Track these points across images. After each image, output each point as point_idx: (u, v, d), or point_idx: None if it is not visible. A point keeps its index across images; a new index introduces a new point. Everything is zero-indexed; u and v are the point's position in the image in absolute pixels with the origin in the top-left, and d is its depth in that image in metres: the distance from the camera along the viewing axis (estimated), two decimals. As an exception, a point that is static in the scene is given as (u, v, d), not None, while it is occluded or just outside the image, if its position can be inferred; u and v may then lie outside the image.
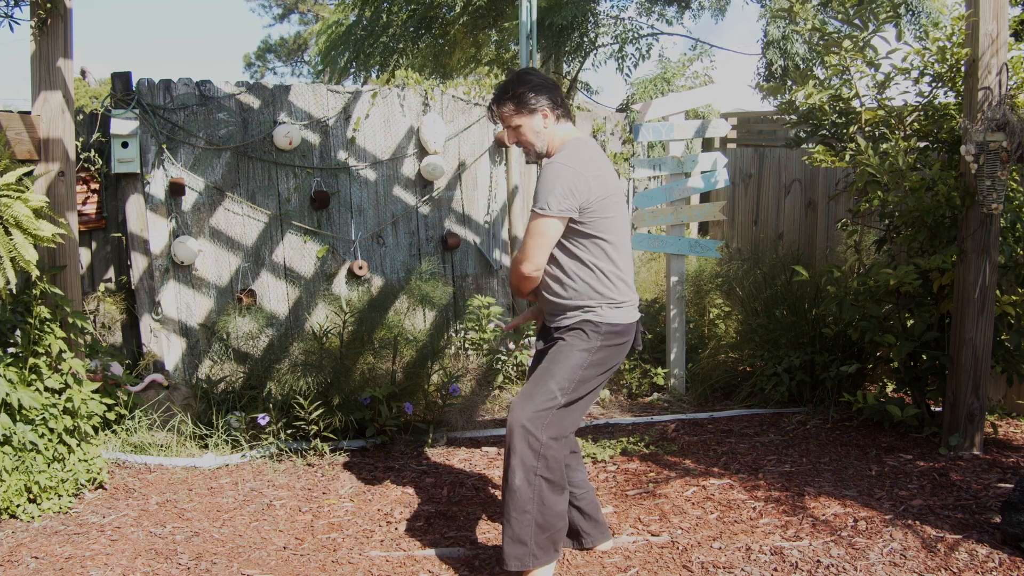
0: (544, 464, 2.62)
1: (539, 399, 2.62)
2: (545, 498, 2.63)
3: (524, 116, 2.72)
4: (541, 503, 2.63)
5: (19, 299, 3.43)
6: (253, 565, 2.89)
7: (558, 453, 2.65)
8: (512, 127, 2.74)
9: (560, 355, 2.70)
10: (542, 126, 2.73)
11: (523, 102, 2.70)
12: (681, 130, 5.10)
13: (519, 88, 2.71)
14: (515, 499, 2.60)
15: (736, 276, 5.36)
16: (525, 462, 2.59)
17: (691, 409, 4.86)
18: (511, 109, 2.72)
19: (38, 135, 3.69)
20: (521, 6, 4.88)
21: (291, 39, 22.46)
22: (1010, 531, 2.86)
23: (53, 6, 3.61)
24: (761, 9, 7.08)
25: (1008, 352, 4.02)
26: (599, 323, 2.71)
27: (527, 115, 2.71)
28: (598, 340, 2.71)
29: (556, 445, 2.64)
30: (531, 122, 2.72)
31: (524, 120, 2.72)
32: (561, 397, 2.64)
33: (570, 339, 2.72)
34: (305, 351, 4.29)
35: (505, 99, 2.72)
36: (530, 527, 2.61)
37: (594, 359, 2.70)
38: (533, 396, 2.63)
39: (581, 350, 2.69)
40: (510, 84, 2.74)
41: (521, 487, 2.59)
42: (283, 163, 4.97)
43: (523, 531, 2.61)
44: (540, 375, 2.69)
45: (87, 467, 3.52)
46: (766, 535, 3.04)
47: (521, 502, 2.59)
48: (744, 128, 7.66)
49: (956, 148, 4.03)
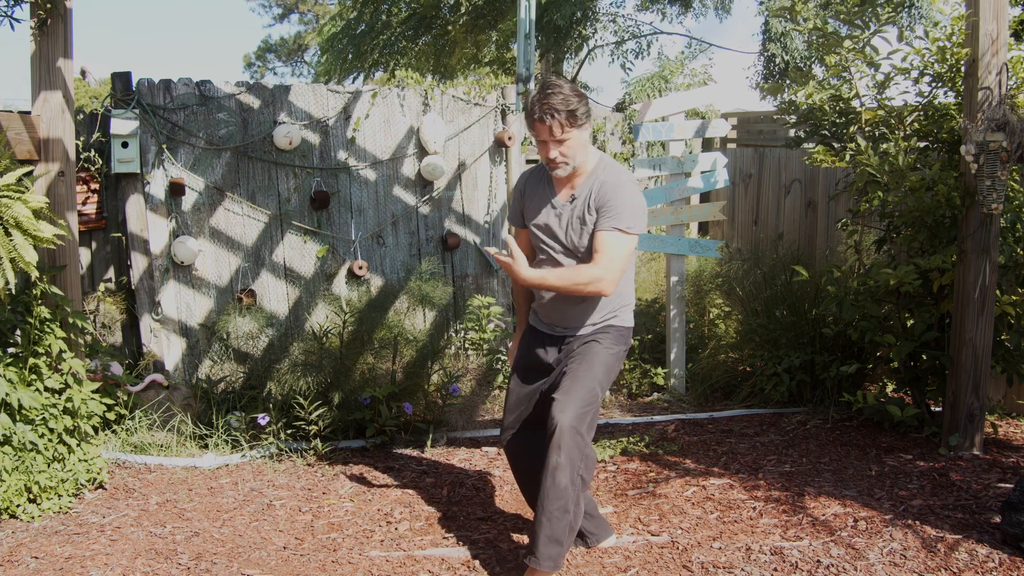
0: (584, 464, 2.70)
1: (583, 399, 2.66)
2: (579, 498, 2.69)
3: (575, 130, 2.65)
4: (577, 504, 2.67)
5: (19, 299, 3.43)
6: (253, 565, 2.89)
7: (592, 452, 2.77)
8: (558, 140, 2.65)
9: (594, 356, 2.78)
10: (587, 139, 2.73)
11: (575, 116, 2.63)
12: (681, 130, 5.09)
13: (572, 101, 2.63)
14: (561, 498, 2.61)
15: (736, 276, 5.36)
16: (573, 461, 2.61)
17: (691, 409, 4.86)
18: (564, 122, 2.61)
19: (38, 135, 3.69)
20: (519, 4, 4.87)
21: (291, 39, 22.47)
22: (1010, 531, 2.86)
23: (53, 6, 3.61)
24: (760, 6, 7.08)
25: (1008, 352, 4.02)
26: (622, 327, 2.86)
27: (578, 129, 2.65)
28: (623, 342, 2.86)
29: (591, 444, 2.76)
30: (581, 136, 2.68)
31: (574, 134, 2.65)
32: (601, 395, 2.74)
33: (603, 340, 2.81)
34: (305, 351, 4.29)
35: (557, 114, 2.60)
36: (567, 527, 2.64)
37: (619, 360, 2.85)
38: (576, 396, 2.66)
39: (611, 352, 2.80)
40: (561, 98, 2.61)
41: (568, 487, 2.61)
42: (283, 163, 4.97)
43: (561, 531, 2.63)
44: (579, 374, 2.73)
45: (87, 467, 3.52)
46: (766, 535, 3.05)
47: (565, 502, 2.61)
48: (744, 128, 7.66)
49: (956, 148, 4.03)
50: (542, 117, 2.62)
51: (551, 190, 2.82)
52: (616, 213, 2.66)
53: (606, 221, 2.67)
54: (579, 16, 6.70)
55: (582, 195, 2.74)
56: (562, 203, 2.77)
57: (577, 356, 2.79)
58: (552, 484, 2.60)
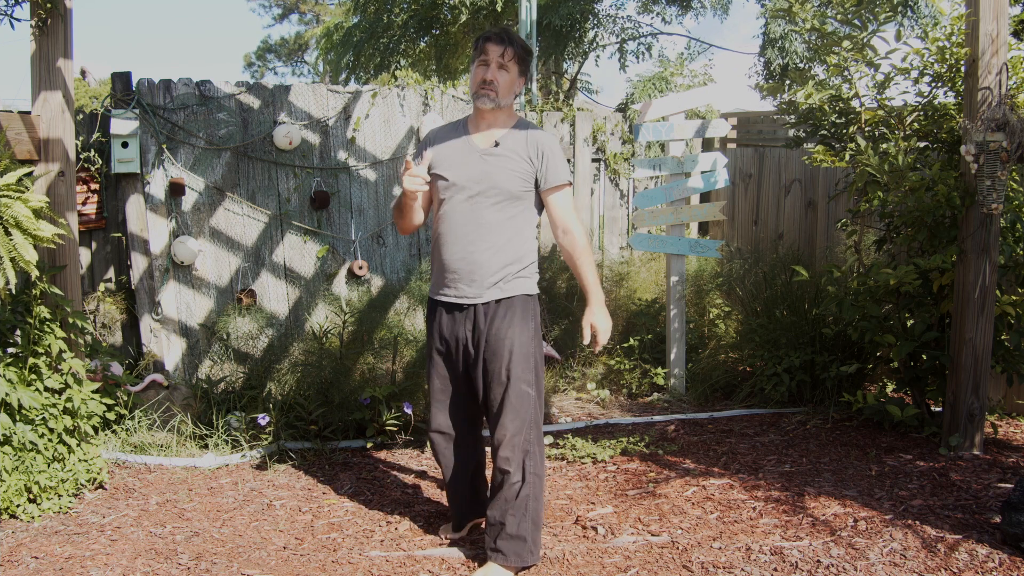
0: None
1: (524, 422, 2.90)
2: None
3: (516, 68, 2.81)
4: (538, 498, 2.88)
5: (19, 299, 3.43)
6: (253, 565, 2.89)
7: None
8: (500, 66, 2.77)
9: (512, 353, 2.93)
10: (516, 91, 2.86)
11: (524, 60, 2.83)
12: (681, 130, 5.09)
13: (526, 48, 2.86)
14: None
15: (736, 276, 5.36)
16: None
17: (691, 409, 4.86)
18: (514, 54, 2.79)
19: (38, 135, 3.69)
20: (520, 6, 4.88)
21: (291, 39, 22.48)
22: (1010, 531, 2.86)
23: (53, 6, 3.61)
24: (760, 8, 7.08)
25: (1008, 352, 4.02)
26: (531, 294, 2.93)
27: (518, 71, 2.82)
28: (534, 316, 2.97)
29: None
30: (516, 81, 2.83)
31: (514, 72, 2.81)
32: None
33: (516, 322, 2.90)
34: (305, 351, 4.30)
35: (513, 44, 2.79)
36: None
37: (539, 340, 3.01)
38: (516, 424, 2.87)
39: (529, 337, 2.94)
40: (517, 38, 2.84)
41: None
42: (283, 163, 4.97)
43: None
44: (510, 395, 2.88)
45: (87, 467, 3.52)
46: (766, 535, 3.05)
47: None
48: (744, 128, 7.65)
49: (956, 148, 4.03)
50: (500, 39, 2.79)
51: (468, 138, 2.87)
52: (558, 169, 2.82)
53: (556, 176, 2.82)
54: (578, 17, 6.70)
55: (510, 144, 2.81)
56: (484, 148, 2.82)
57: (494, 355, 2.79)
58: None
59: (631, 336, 5.45)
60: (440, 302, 2.86)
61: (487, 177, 2.77)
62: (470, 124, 2.88)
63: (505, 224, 2.78)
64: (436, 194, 2.86)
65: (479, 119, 2.85)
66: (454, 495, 3.04)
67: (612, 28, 7.48)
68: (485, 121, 2.83)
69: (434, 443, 2.96)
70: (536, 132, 2.85)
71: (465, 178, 2.78)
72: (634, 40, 7.52)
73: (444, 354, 2.88)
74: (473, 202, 2.77)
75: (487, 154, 2.79)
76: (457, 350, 2.84)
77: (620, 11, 10.95)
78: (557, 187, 2.82)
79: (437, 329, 2.87)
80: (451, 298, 2.82)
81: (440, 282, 2.87)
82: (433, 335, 2.90)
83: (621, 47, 7.31)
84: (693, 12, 7.58)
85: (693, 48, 8.68)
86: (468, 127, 2.88)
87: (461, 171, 2.79)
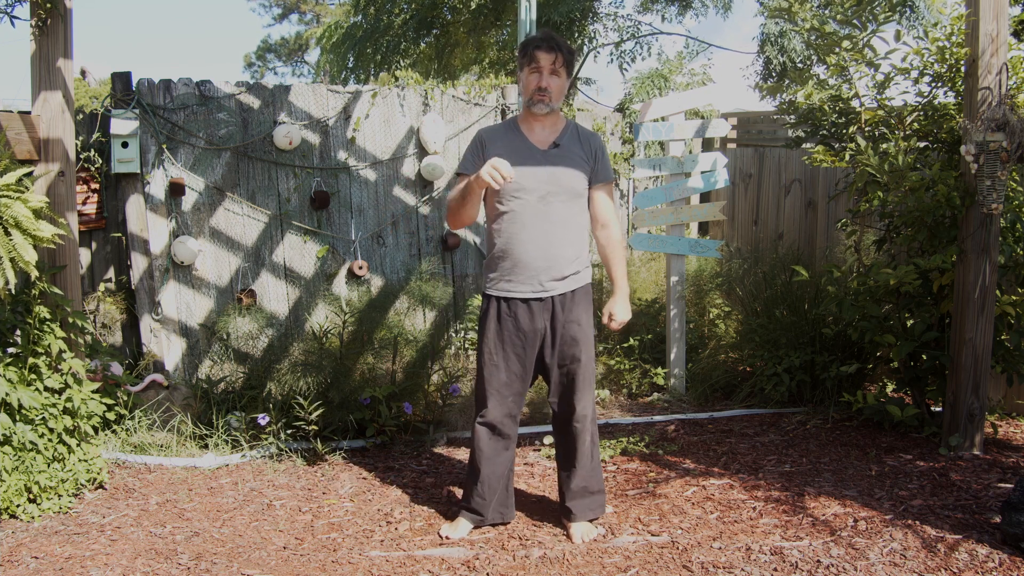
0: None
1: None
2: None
3: (565, 74, 2.91)
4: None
5: (19, 299, 3.43)
6: (253, 565, 2.89)
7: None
8: (553, 72, 2.88)
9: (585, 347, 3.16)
10: (566, 89, 2.97)
11: (571, 64, 2.94)
12: (681, 130, 5.09)
13: (571, 51, 2.94)
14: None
15: (736, 276, 5.36)
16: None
17: (691, 409, 4.86)
18: (562, 61, 2.88)
19: (38, 135, 3.69)
20: (520, 5, 4.88)
21: (291, 39, 22.46)
22: (1010, 531, 2.86)
23: (53, 6, 3.61)
24: (759, 7, 7.07)
25: (1008, 352, 4.02)
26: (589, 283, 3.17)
27: (567, 76, 2.92)
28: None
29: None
30: (565, 80, 2.93)
31: (564, 76, 2.91)
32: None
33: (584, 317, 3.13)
34: (305, 351, 4.29)
35: (562, 50, 2.87)
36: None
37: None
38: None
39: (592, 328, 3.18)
40: (563, 42, 2.91)
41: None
42: (283, 163, 4.97)
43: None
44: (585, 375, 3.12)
45: (87, 467, 3.52)
46: (766, 535, 3.05)
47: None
48: (744, 128, 7.65)
49: (956, 148, 4.03)
50: (550, 46, 2.86)
51: (525, 139, 2.97)
52: (609, 166, 3.04)
53: (606, 174, 3.02)
54: (578, 15, 6.69)
55: (568, 144, 2.96)
56: (546, 150, 2.94)
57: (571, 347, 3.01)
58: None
59: (631, 336, 5.45)
60: (514, 299, 2.97)
61: (554, 177, 2.91)
62: (523, 126, 2.99)
63: (571, 220, 2.96)
64: (497, 195, 2.94)
65: (532, 121, 2.97)
66: (485, 488, 3.09)
67: (611, 26, 7.46)
68: (539, 123, 2.97)
69: (478, 435, 3.06)
70: (587, 132, 3.02)
71: (533, 179, 2.90)
72: (634, 39, 7.50)
73: (520, 347, 2.99)
74: (545, 202, 2.90)
75: (550, 156, 2.93)
76: (535, 341, 2.99)
77: (619, 9, 10.93)
78: (605, 183, 3.02)
79: (512, 324, 2.97)
80: (529, 293, 2.95)
81: (515, 279, 2.96)
82: (504, 331, 2.99)
83: (618, 45, 7.30)
84: (693, 12, 7.56)
85: (693, 47, 8.66)
86: (521, 129, 2.99)
87: (528, 172, 2.90)
